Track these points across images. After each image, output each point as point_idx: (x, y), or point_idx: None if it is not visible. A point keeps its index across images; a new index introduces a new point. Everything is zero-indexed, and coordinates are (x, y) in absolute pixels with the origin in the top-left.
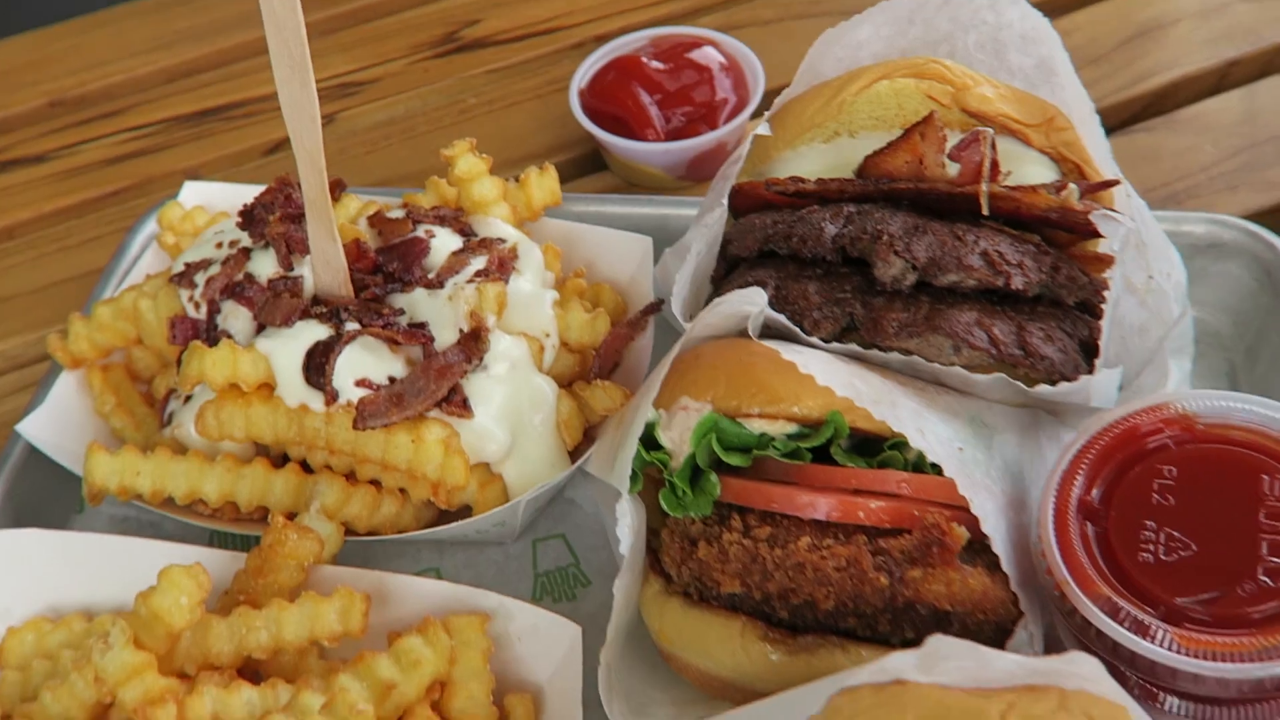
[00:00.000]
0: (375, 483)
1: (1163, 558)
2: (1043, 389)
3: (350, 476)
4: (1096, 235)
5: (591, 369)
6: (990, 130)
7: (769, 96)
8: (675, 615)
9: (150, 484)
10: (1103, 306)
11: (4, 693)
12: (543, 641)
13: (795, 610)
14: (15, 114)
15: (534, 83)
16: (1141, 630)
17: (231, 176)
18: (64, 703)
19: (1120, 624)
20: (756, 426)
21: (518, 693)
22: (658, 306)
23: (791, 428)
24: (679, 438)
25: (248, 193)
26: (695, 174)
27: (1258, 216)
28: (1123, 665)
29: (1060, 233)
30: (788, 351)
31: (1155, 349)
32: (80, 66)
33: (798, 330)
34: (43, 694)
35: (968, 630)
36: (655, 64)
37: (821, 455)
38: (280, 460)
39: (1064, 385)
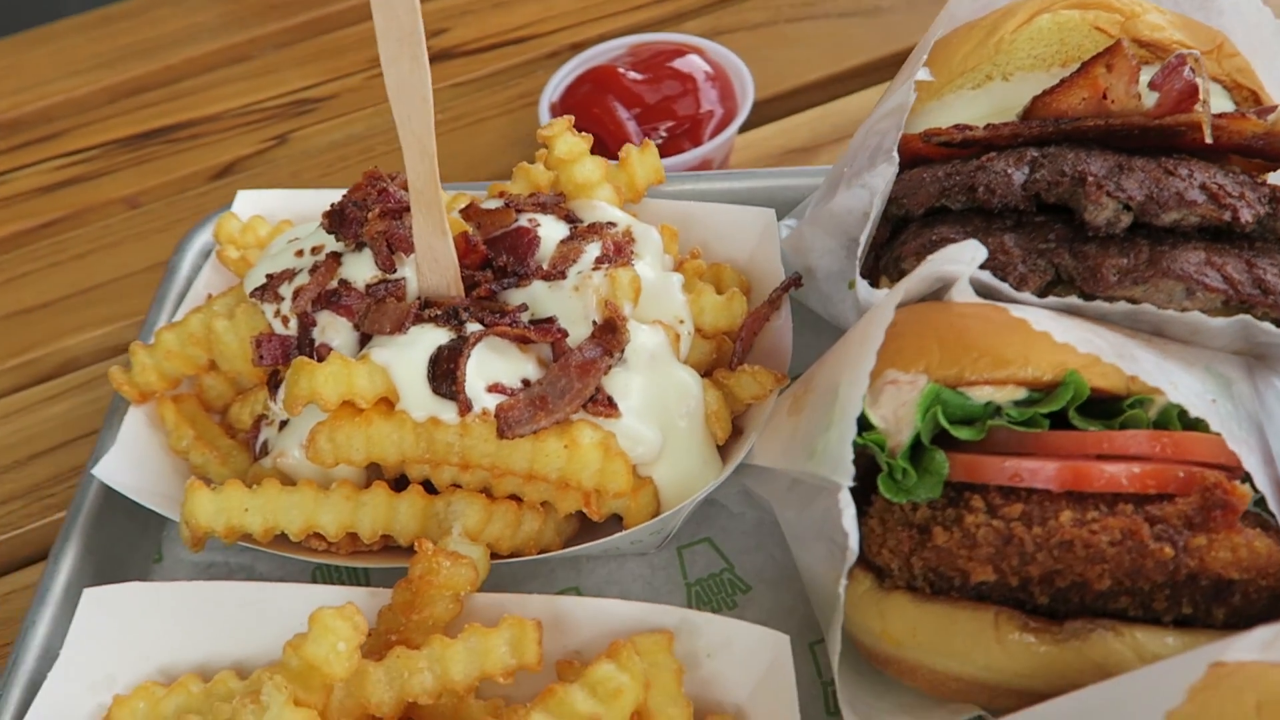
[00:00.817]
0: (513, 498)
1: None
2: None
3: (484, 493)
4: None
5: (734, 354)
6: (1197, 53)
7: (760, 107)
8: (905, 613)
9: (261, 521)
10: None
11: None
12: (738, 655)
13: (1058, 594)
14: None
15: (504, 97)
16: None
17: (175, 204)
18: None
19: None
20: (981, 395)
21: (717, 715)
22: (798, 280)
23: (1020, 393)
24: (892, 415)
25: (306, 198)
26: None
27: None
28: None
29: (1251, 161)
30: (1014, 309)
31: None
32: (16, 87)
33: (1004, 287)
34: None
35: (1249, 600)
36: (634, 75)
37: (1057, 422)
38: (397, 485)
39: None
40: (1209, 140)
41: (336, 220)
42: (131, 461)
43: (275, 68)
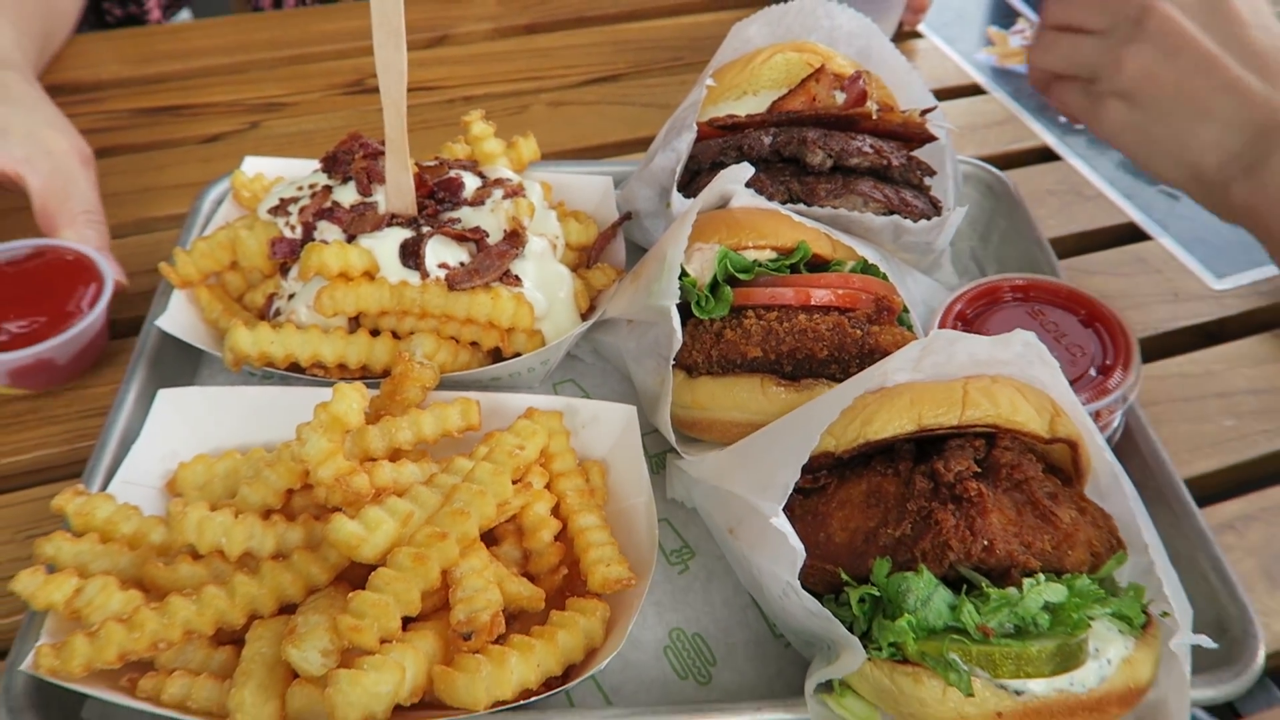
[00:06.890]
0: (452, 339)
1: None
2: (922, 223)
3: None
4: (931, 138)
5: (590, 259)
6: (870, 71)
7: (574, 153)
8: (707, 387)
9: (282, 350)
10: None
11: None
12: (602, 424)
13: (798, 365)
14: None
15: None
16: None
17: (173, 155)
18: (261, 493)
19: None
20: (750, 255)
21: (591, 461)
22: (629, 217)
23: (773, 255)
24: (699, 268)
25: (293, 164)
26: None
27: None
28: None
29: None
30: (767, 206)
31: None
32: (84, 63)
33: (763, 199)
34: (242, 489)
35: None
36: None
37: (794, 271)
38: (373, 335)
39: (936, 219)
40: (875, 118)
41: (330, 161)
42: (177, 324)
43: (259, 80)
